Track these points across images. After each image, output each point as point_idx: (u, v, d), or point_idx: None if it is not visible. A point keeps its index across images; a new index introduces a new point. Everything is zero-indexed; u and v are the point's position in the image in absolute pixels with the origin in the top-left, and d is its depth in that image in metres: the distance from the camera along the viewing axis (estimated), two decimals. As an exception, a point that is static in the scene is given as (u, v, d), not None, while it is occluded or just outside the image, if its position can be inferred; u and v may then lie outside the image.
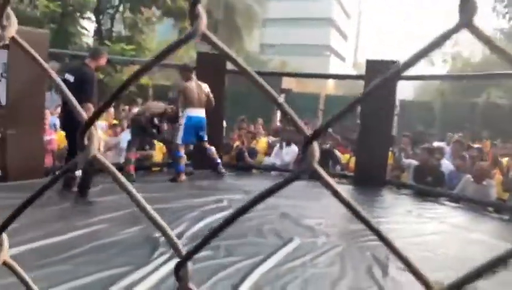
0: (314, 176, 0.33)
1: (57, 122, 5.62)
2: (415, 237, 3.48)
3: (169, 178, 5.10)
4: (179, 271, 0.39)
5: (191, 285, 0.39)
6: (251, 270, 2.49)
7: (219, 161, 5.47)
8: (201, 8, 0.32)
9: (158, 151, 6.18)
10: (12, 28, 0.38)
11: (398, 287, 2.43)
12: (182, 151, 5.17)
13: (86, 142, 0.40)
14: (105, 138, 6.18)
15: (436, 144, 7.52)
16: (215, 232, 0.38)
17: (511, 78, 8.25)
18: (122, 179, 0.40)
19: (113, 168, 0.40)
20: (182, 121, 5.09)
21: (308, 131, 0.35)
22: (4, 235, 0.45)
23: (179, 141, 5.08)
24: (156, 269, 2.42)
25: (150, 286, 2.21)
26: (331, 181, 0.33)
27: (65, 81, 3.95)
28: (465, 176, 5.14)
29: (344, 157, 6.46)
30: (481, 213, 4.66)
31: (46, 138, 5.27)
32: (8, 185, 4.21)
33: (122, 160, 5.76)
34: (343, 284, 2.42)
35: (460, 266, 2.65)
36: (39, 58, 0.42)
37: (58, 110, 5.50)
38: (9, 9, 0.38)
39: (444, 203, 4.95)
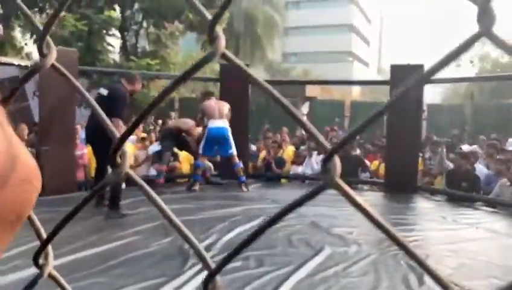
0: (336, 189, 0.33)
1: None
2: (451, 244, 3.37)
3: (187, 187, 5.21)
4: (208, 284, 0.38)
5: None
6: (283, 280, 2.47)
7: (244, 179, 5.29)
8: (219, 29, 0.34)
9: (185, 162, 6.24)
10: (52, 56, 0.39)
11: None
12: (202, 162, 5.24)
13: (118, 159, 0.41)
14: (135, 151, 6.29)
15: (465, 147, 7.31)
16: (244, 244, 0.37)
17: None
18: (153, 194, 0.40)
19: (145, 185, 0.40)
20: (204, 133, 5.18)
21: (332, 140, 0.35)
22: (49, 248, 0.46)
23: (200, 151, 5.15)
24: (188, 280, 2.42)
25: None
26: (352, 193, 0.32)
27: (99, 94, 4.11)
28: (501, 179, 4.96)
29: (373, 164, 6.36)
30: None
31: (78, 152, 5.41)
32: (44, 199, 4.34)
33: (151, 172, 5.86)
34: (378, 293, 2.36)
35: (502, 273, 2.55)
36: (72, 78, 0.43)
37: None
38: (48, 38, 0.40)
39: (480, 209, 4.78)
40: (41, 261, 0.42)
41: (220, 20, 0.35)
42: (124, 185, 5.65)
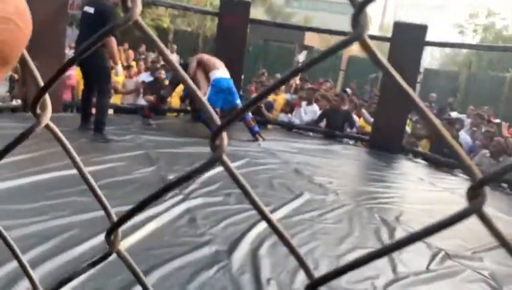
0: (223, 166, 0.35)
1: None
2: (425, 204, 3.49)
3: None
4: (110, 236, 0.39)
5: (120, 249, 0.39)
6: (260, 219, 2.53)
7: (257, 128, 5.01)
8: None
9: (176, 96, 6.18)
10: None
11: (403, 251, 2.45)
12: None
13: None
14: (124, 79, 6.18)
15: (453, 114, 7.39)
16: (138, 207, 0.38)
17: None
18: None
19: None
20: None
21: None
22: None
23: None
24: (168, 209, 2.47)
25: (162, 224, 2.28)
26: (235, 171, 0.35)
27: (85, 13, 3.87)
28: (482, 150, 5.07)
29: (361, 120, 6.39)
30: (495, 188, 4.63)
31: (66, 73, 5.29)
32: (26, 115, 4.28)
33: (140, 102, 5.79)
34: (349, 241, 2.46)
35: (469, 236, 2.66)
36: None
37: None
38: None
39: (458, 175, 4.91)
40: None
41: None
42: (111, 111, 5.61)
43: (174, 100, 6.36)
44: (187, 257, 1.96)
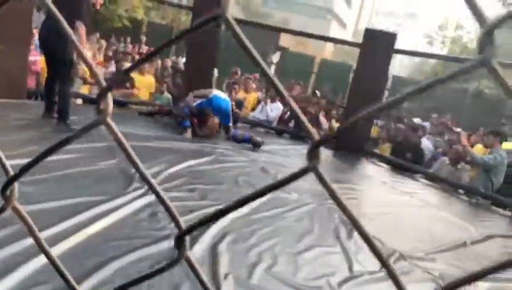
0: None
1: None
2: (384, 207, 3.61)
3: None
4: (179, 241, 0.41)
5: (188, 253, 0.41)
6: (222, 212, 2.55)
7: (247, 135, 4.91)
8: None
9: (144, 90, 6.11)
10: None
11: (359, 250, 2.53)
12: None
13: (102, 105, 0.40)
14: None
15: (416, 120, 7.66)
16: (216, 215, 0.39)
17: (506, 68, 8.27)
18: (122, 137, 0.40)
19: (119, 135, 0.40)
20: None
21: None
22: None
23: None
24: (130, 201, 2.45)
25: (123, 216, 2.26)
26: (332, 185, 0.35)
27: None
28: (442, 157, 5.28)
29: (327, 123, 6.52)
30: (452, 194, 4.82)
31: (31, 58, 5.12)
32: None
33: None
34: (308, 239, 2.51)
35: (426, 239, 2.78)
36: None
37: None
38: None
39: (419, 180, 5.09)
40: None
41: None
42: (80, 101, 5.48)
43: (143, 92, 6.28)
44: (146, 250, 1.96)
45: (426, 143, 5.80)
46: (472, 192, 4.83)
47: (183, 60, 7.80)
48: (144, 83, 6.29)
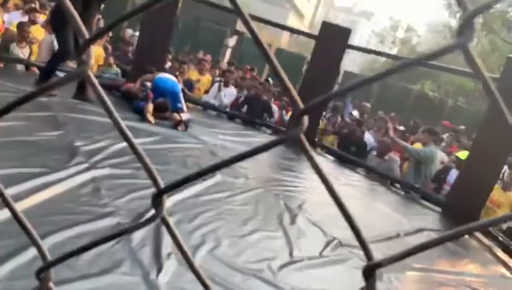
0: (299, 145, 0.36)
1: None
2: (326, 196, 3.69)
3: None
4: (156, 200, 0.40)
5: (164, 213, 0.41)
6: (169, 195, 2.52)
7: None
8: None
9: (94, 62, 5.85)
10: None
11: (301, 236, 2.62)
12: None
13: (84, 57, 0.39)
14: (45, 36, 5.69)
15: (355, 113, 8.03)
16: (195, 176, 0.39)
17: (450, 73, 8.76)
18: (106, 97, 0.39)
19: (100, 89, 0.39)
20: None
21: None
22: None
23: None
24: (72, 176, 2.37)
25: (63, 190, 2.17)
26: (313, 153, 0.35)
27: None
28: (372, 152, 5.57)
29: (277, 112, 6.61)
30: (389, 187, 5.09)
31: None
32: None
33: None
34: (252, 223, 2.56)
35: (362, 227, 2.90)
36: None
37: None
38: None
39: (359, 173, 5.31)
40: None
41: None
42: (23, 68, 5.15)
43: (93, 66, 6.01)
44: (86, 226, 1.90)
45: (368, 137, 6.06)
46: (404, 185, 5.11)
47: (136, 33, 7.53)
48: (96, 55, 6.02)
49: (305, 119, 0.35)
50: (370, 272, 0.35)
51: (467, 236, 4.04)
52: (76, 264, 1.62)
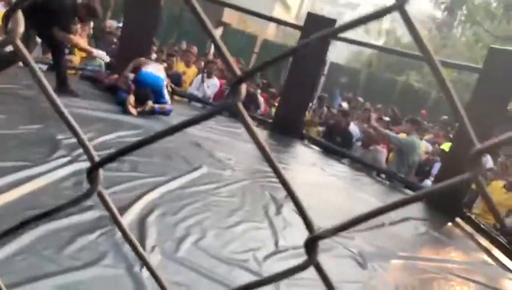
0: (236, 114, 0.35)
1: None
2: (312, 186, 3.75)
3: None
4: (91, 174, 0.39)
5: (100, 188, 0.40)
6: (154, 187, 2.52)
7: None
8: None
9: (78, 54, 5.76)
10: None
11: (287, 226, 2.63)
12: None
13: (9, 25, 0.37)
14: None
15: (345, 105, 8.05)
16: (131, 147, 0.38)
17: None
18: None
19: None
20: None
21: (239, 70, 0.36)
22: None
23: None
24: (54, 169, 2.33)
25: (44, 184, 2.14)
26: (250, 121, 0.35)
27: None
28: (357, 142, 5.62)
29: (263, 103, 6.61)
30: (374, 177, 5.13)
31: None
32: None
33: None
34: (238, 214, 2.56)
35: (342, 217, 2.93)
36: None
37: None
38: None
39: (344, 163, 5.35)
40: None
41: None
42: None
43: (76, 59, 5.91)
44: (68, 220, 1.88)
45: (353, 127, 6.10)
46: (388, 175, 5.17)
47: (120, 24, 7.41)
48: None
49: (243, 88, 0.35)
50: (312, 245, 0.35)
51: (450, 224, 4.11)
52: (58, 258, 1.60)
